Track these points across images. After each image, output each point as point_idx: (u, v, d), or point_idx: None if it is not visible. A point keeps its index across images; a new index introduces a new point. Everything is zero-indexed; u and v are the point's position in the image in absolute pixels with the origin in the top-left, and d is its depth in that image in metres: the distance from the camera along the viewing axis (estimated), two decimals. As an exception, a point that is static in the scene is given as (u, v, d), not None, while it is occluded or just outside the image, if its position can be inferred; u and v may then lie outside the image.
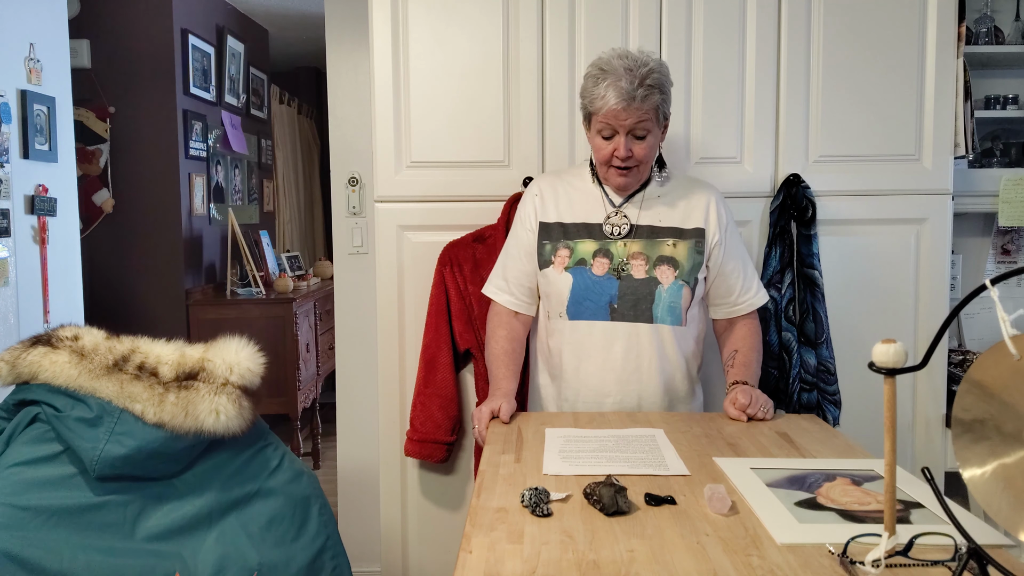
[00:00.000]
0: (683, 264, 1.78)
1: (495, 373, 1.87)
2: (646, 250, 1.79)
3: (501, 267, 1.94)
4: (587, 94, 1.73)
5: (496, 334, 1.91)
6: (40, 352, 1.46)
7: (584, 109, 1.77)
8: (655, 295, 1.76)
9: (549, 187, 1.89)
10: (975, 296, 0.90)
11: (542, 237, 1.85)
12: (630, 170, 1.76)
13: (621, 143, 1.71)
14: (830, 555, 1.03)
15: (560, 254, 1.81)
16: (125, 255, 3.89)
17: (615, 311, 1.77)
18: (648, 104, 1.68)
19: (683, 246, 1.80)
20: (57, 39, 2.87)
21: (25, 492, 1.37)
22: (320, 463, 4.39)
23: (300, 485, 1.56)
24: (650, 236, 1.80)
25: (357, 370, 2.89)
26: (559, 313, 1.81)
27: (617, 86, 1.66)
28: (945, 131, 2.17)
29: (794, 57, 2.16)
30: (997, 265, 2.68)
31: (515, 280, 1.90)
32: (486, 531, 1.12)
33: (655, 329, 1.77)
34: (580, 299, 1.78)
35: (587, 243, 1.81)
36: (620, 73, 1.67)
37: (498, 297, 1.92)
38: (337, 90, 2.86)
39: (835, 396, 2.16)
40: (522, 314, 1.92)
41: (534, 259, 1.86)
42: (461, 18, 2.18)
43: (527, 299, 1.91)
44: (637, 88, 1.66)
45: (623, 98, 1.66)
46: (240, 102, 4.75)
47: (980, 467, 0.95)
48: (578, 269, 1.79)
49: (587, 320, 1.78)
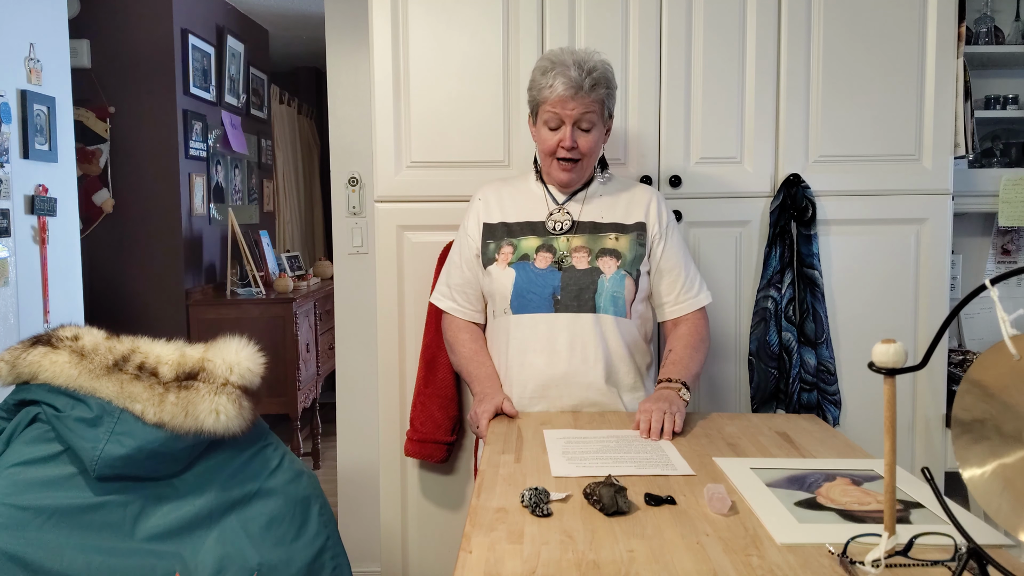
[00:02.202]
0: (625, 255, 1.80)
1: (476, 373, 1.86)
2: (588, 243, 1.81)
3: (445, 274, 1.98)
4: (535, 85, 1.78)
5: (459, 338, 1.92)
6: (40, 352, 1.46)
7: (532, 102, 1.81)
8: (598, 284, 1.78)
9: (493, 191, 1.94)
10: (975, 296, 0.90)
11: (486, 237, 1.88)
12: (574, 164, 1.79)
13: (567, 133, 1.75)
14: (830, 555, 1.03)
15: (503, 251, 1.83)
16: (125, 255, 3.89)
17: (558, 302, 1.78)
18: (594, 96, 1.73)
19: (625, 239, 1.82)
20: (57, 39, 2.87)
21: (25, 492, 1.37)
22: (320, 463, 4.39)
23: (300, 485, 1.56)
24: (592, 231, 1.83)
25: (357, 370, 2.89)
26: (503, 309, 1.82)
27: (566, 75, 1.71)
28: (945, 131, 2.17)
29: (794, 57, 2.16)
30: (997, 265, 2.68)
31: (457, 287, 1.93)
32: (486, 531, 1.12)
33: (597, 319, 1.77)
34: (523, 292, 1.79)
35: (530, 239, 1.83)
36: (568, 64, 1.72)
37: (441, 304, 1.96)
38: (337, 90, 2.86)
39: (835, 396, 2.16)
40: (473, 323, 1.94)
41: (475, 265, 1.89)
42: (461, 18, 2.18)
43: (470, 306, 1.93)
44: (584, 78, 1.71)
45: (571, 86, 1.71)
46: (240, 102, 4.75)
47: (980, 467, 0.95)
48: (521, 264, 1.81)
49: (531, 313, 1.79)
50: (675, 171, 2.18)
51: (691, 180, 2.18)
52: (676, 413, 1.61)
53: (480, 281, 1.90)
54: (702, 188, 2.19)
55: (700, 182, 2.19)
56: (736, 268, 2.21)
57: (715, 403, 2.24)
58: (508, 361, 1.83)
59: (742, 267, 2.22)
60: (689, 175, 2.18)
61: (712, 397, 2.24)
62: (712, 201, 2.19)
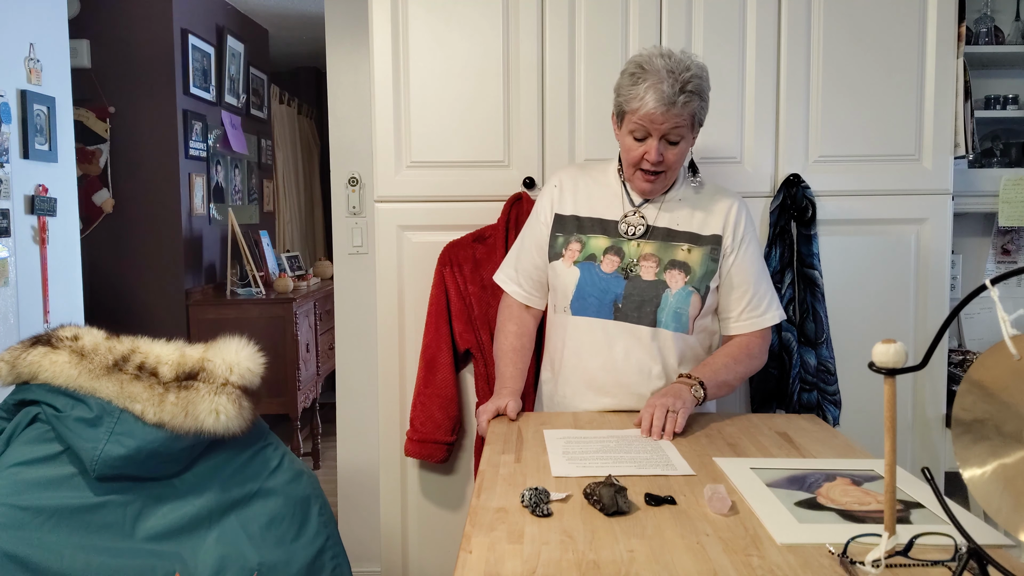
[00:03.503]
0: (695, 270, 1.74)
1: (502, 370, 1.85)
2: (659, 252, 1.75)
3: (514, 257, 1.93)
4: (623, 92, 1.66)
5: (505, 328, 1.90)
6: (40, 352, 1.46)
7: (618, 107, 1.70)
8: (662, 299, 1.73)
9: (570, 179, 1.86)
10: (975, 296, 0.90)
11: (556, 229, 1.83)
12: (657, 176, 1.72)
13: (653, 147, 1.65)
14: (830, 555, 1.03)
15: (571, 248, 1.79)
16: (125, 255, 3.89)
17: (619, 310, 1.74)
18: (687, 110, 1.62)
19: (698, 252, 1.75)
20: (57, 39, 2.87)
21: (25, 492, 1.36)
22: (320, 463, 4.39)
23: (300, 485, 1.56)
24: (665, 239, 1.76)
25: (357, 370, 2.89)
26: (563, 308, 1.80)
27: (658, 89, 1.59)
28: (945, 131, 2.17)
29: (794, 57, 2.16)
30: (997, 265, 2.68)
31: (524, 271, 1.89)
32: (486, 531, 1.12)
33: (656, 333, 1.73)
34: (585, 295, 1.76)
35: (600, 239, 1.78)
36: (662, 76, 1.59)
37: (506, 286, 1.92)
38: (337, 90, 2.86)
39: (835, 396, 2.16)
40: (532, 308, 1.91)
41: (545, 252, 1.85)
42: (461, 18, 2.18)
43: (535, 292, 1.89)
44: (679, 94, 1.59)
45: (663, 102, 1.59)
46: (240, 102, 4.75)
47: (980, 467, 0.95)
48: (586, 264, 1.77)
49: (589, 317, 1.76)
50: (675, 171, 2.18)
51: (691, 180, 2.18)
52: (680, 410, 1.58)
53: (546, 270, 1.85)
54: (702, 188, 2.18)
55: (700, 182, 2.19)
56: (736, 268, 2.21)
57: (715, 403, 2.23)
58: (563, 361, 1.80)
59: (742, 267, 2.21)
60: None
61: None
62: (712, 201, 2.19)
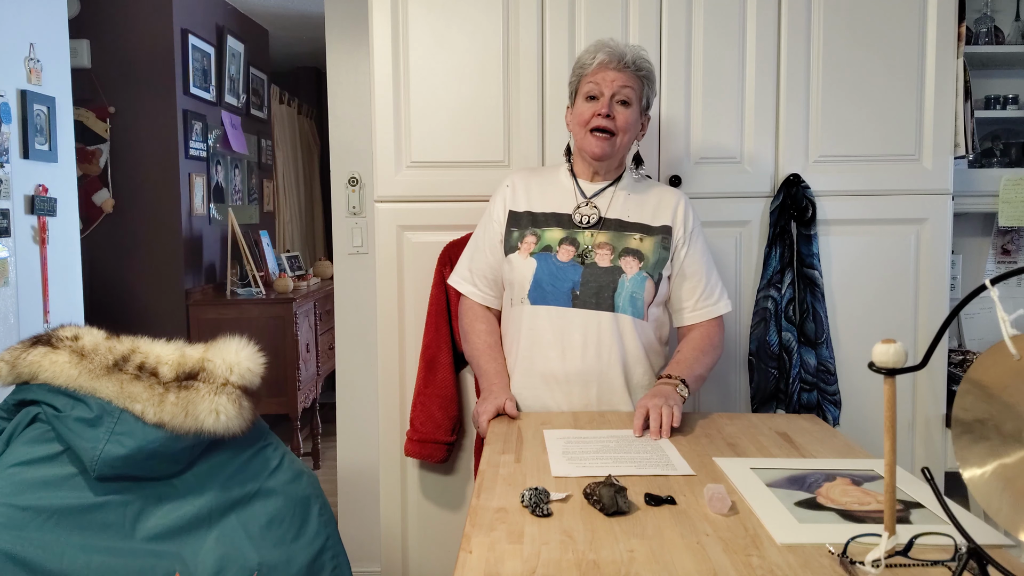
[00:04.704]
0: (648, 257, 1.79)
1: (486, 368, 1.86)
2: (613, 241, 1.80)
3: (467, 259, 1.96)
4: (579, 62, 1.84)
5: (475, 328, 1.92)
6: (40, 352, 1.46)
7: (574, 81, 1.85)
8: (618, 283, 1.77)
9: (522, 179, 1.94)
10: (975, 296, 0.90)
11: (511, 225, 1.87)
12: (609, 137, 1.79)
13: (605, 101, 1.77)
14: (830, 555, 1.03)
15: (527, 240, 1.83)
16: (125, 255, 3.89)
17: (577, 298, 1.77)
18: (637, 77, 1.79)
19: (649, 241, 1.81)
20: (57, 39, 2.87)
21: (25, 492, 1.36)
22: (320, 463, 4.39)
23: (300, 485, 1.56)
24: (618, 229, 1.82)
25: (357, 370, 2.88)
26: (521, 299, 1.82)
27: (610, 48, 1.79)
28: (945, 131, 2.17)
29: (794, 57, 2.16)
30: (997, 265, 2.68)
31: (479, 272, 1.92)
32: (486, 531, 1.12)
33: (615, 318, 1.76)
34: (543, 284, 1.78)
35: (555, 231, 1.83)
36: (616, 45, 1.80)
37: (462, 288, 1.95)
38: (337, 90, 2.86)
39: (835, 396, 2.16)
40: (492, 308, 1.94)
41: (499, 250, 1.88)
42: (461, 18, 2.18)
43: (490, 291, 1.92)
44: (631, 62, 1.78)
45: (614, 57, 1.77)
46: (240, 102, 4.75)
47: (980, 467, 0.95)
48: (543, 255, 1.80)
49: (548, 306, 1.78)
50: (675, 171, 2.18)
51: (691, 180, 2.18)
52: (674, 407, 1.61)
53: (501, 268, 1.89)
54: (702, 188, 2.19)
55: (700, 182, 2.19)
56: (736, 268, 2.21)
57: (715, 403, 2.24)
58: (519, 351, 1.82)
59: (742, 267, 2.22)
60: (689, 175, 2.18)
61: (712, 397, 2.24)
62: (712, 201, 2.19)
